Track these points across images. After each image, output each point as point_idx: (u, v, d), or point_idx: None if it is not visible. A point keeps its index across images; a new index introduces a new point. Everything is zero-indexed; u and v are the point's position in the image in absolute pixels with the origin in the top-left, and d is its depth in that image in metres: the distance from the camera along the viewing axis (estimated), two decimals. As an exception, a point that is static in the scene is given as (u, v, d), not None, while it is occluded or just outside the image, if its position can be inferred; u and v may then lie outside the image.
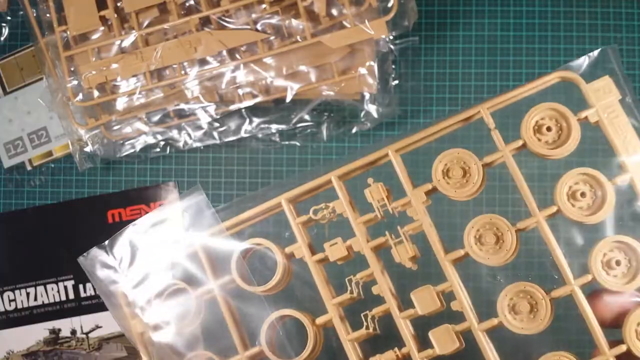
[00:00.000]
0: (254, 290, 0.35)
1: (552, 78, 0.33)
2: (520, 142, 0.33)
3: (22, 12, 0.53)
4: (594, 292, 0.32)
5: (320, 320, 0.34)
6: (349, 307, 0.35)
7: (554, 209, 0.32)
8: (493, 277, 0.33)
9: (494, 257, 0.32)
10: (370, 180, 0.34)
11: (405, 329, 0.33)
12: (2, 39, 0.56)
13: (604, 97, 0.32)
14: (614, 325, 0.31)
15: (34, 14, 0.52)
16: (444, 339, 0.32)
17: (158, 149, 0.53)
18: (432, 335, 0.33)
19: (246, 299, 0.35)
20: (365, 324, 0.33)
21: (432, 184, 0.33)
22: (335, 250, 0.34)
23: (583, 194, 0.32)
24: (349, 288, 0.34)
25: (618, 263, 0.31)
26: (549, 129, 0.32)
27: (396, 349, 0.33)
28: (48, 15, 0.51)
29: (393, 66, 0.50)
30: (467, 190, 0.33)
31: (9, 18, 0.55)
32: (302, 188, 0.35)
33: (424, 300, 0.33)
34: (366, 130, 0.51)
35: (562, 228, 0.34)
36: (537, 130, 0.33)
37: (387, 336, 0.34)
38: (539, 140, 0.33)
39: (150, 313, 0.36)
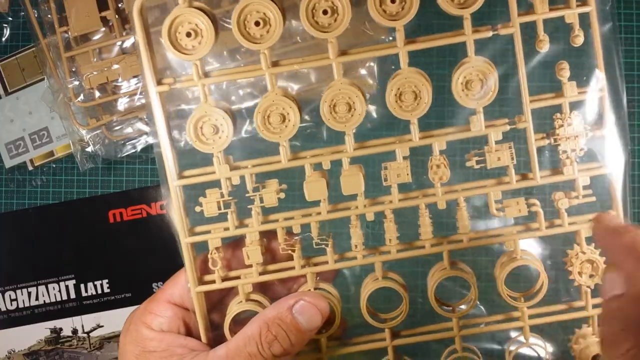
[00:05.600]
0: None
1: None
2: None
3: (23, 13, 0.53)
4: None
5: None
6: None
7: None
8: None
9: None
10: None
11: None
12: (4, 39, 0.56)
13: None
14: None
15: (36, 15, 0.52)
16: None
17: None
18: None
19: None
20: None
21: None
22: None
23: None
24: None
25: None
26: None
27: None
28: (49, 16, 0.51)
29: (393, 66, 0.50)
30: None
31: (10, 19, 0.56)
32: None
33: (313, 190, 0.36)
34: (366, 130, 0.51)
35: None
36: None
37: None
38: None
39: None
